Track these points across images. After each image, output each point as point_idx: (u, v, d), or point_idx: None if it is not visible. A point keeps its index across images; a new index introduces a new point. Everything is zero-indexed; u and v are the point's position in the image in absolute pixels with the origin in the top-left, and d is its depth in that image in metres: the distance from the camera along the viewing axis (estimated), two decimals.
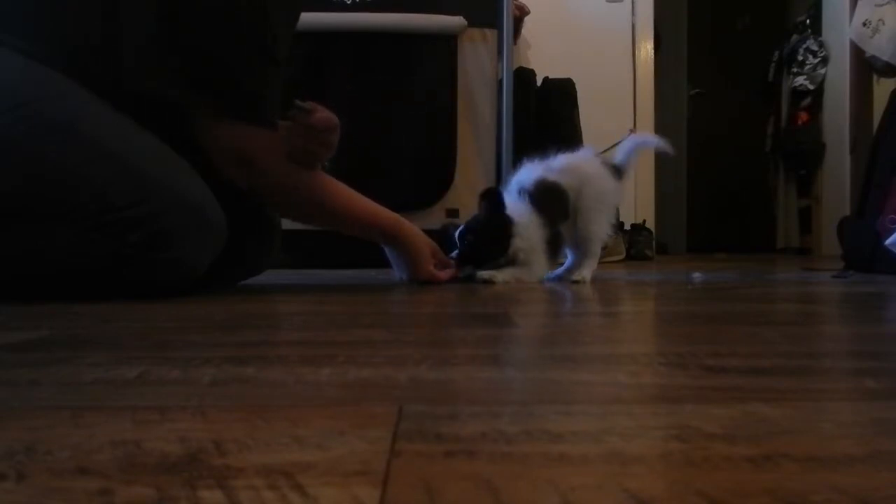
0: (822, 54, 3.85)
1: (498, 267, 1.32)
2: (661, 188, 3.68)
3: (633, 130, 3.35)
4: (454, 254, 1.34)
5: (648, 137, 1.56)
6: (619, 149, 1.49)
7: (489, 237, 1.31)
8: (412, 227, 1.29)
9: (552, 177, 1.37)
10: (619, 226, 2.93)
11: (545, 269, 1.36)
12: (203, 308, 0.87)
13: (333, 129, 1.13)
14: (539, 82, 2.60)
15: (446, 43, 2.11)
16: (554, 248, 1.36)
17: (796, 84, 3.93)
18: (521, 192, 1.35)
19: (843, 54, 3.62)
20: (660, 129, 3.53)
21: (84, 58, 0.99)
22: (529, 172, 1.39)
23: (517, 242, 1.31)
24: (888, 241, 1.55)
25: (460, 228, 1.34)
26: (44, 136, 0.94)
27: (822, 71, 3.86)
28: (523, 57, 2.99)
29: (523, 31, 2.91)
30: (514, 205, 1.32)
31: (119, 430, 0.31)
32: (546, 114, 2.51)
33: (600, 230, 1.40)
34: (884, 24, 3.16)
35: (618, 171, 1.45)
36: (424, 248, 1.29)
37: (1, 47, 0.97)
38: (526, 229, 1.31)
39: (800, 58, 3.91)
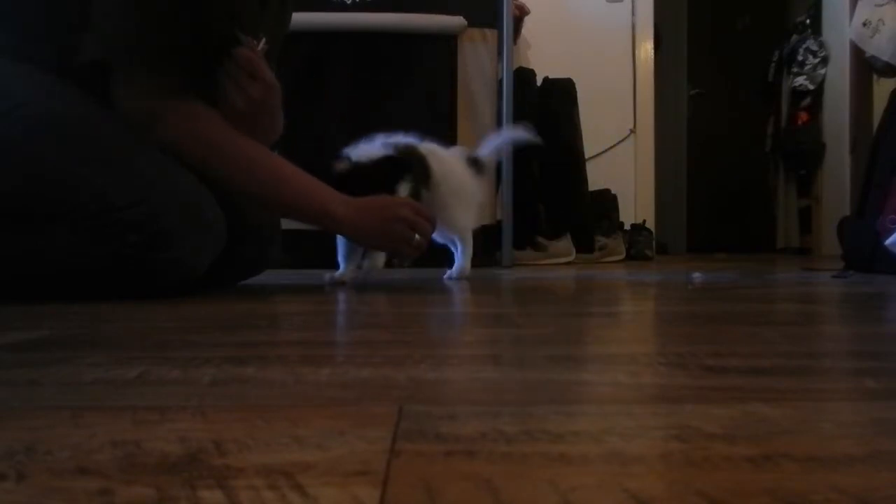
0: (822, 54, 3.85)
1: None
2: (660, 188, 3.68)
3: (633, 131, 3.35)
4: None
5: (517, 132, 1.55)
6: (486, 143, 1.51)
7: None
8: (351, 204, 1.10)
9: (420, 148, 1.36)
10: (619, 226, 2.94)
11: None
12: (203, 308, 0.87)
13: (256, 73, 1.04)
14: (539, 82, 2.60)
15: (446, 43, 2.11)
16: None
17: (796, 84, 3.93)
18: (385, 144, 1.30)
19: (843, 54, 3.62)
20: (660, 129, 3.54)
21: (71, 53, 0.98)
22: (402, 138, 1.36)
23: None
24: (888, 241, 1.55)
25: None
26: (43, 136, 0.94)
27: (822, 71, 3.85)
28: (523, 57, 2.99)
29: (523, 31, 2.91)
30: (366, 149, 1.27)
31: (119, 430, 0.31)
32: (546, 114, 2.51)
33: (464, 221, 1.42)
34: (884, 24, 3.15)
35: (478, 165, 1.46)
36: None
37: None
38: None
39: (800, 58, 3.91)
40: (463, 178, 1.42)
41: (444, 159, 1.39)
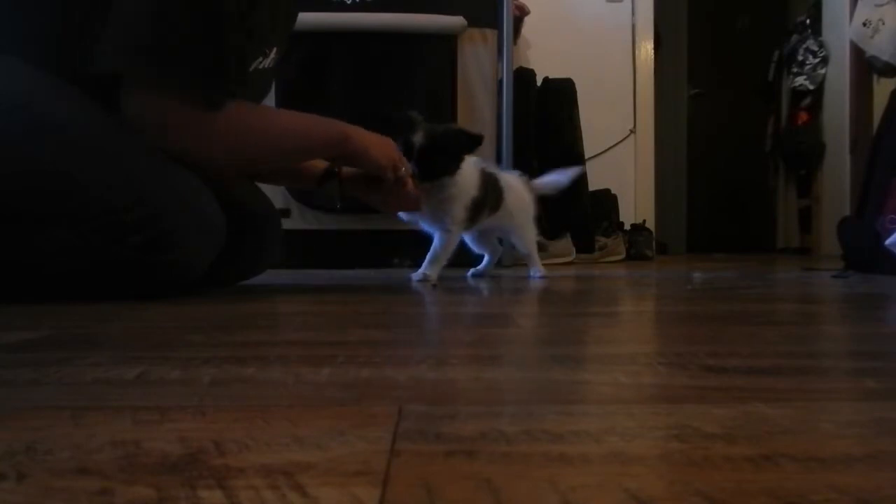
0: (822, 54, 3.85)
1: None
2: (660, 188, 3.68)
3: (633, 131, 3.35)
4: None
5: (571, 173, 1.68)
6: (547, 178, 1.65)
7: (449, 147, 1.35)
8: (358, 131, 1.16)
9: (498, 174, 1.51)
10: (619, 226, 2.93)
11: (461, 230, 1.40)
12: (203, 308, 0.87)
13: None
14: (539, 82, 2.59)
15: (446, 43, 2.11)
16: (474, 215, 1.39)
17: (796, 84, 3.92)
18: (476, 163, 1.43)
19: (843, 54, 3.62)
20: (660, 129, 3.54)
21: (73, 58, 0.98)
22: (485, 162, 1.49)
23: (455, 184, 1.34)
24: (888, 241, 1.55)
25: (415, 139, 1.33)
26: (43, 138, 0.93)
27: (822, 71, 3.85)
28: (523, 57, 2.99)
29: (523, 31, 2.91)
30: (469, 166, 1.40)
31: (119, 430, 0.31)
32: (546, 114, 2.51)
33: (531, 234, 1.57)
34: (884, 24, 3.15)
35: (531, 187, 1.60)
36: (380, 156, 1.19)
37: None
38: (465, 180, 1.36)
39: (800, 58, 3.91)
40: (527, 199, 1.56)
41: (513, 185, 1.53)
